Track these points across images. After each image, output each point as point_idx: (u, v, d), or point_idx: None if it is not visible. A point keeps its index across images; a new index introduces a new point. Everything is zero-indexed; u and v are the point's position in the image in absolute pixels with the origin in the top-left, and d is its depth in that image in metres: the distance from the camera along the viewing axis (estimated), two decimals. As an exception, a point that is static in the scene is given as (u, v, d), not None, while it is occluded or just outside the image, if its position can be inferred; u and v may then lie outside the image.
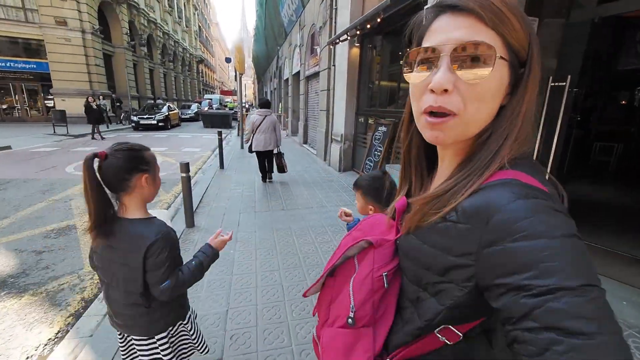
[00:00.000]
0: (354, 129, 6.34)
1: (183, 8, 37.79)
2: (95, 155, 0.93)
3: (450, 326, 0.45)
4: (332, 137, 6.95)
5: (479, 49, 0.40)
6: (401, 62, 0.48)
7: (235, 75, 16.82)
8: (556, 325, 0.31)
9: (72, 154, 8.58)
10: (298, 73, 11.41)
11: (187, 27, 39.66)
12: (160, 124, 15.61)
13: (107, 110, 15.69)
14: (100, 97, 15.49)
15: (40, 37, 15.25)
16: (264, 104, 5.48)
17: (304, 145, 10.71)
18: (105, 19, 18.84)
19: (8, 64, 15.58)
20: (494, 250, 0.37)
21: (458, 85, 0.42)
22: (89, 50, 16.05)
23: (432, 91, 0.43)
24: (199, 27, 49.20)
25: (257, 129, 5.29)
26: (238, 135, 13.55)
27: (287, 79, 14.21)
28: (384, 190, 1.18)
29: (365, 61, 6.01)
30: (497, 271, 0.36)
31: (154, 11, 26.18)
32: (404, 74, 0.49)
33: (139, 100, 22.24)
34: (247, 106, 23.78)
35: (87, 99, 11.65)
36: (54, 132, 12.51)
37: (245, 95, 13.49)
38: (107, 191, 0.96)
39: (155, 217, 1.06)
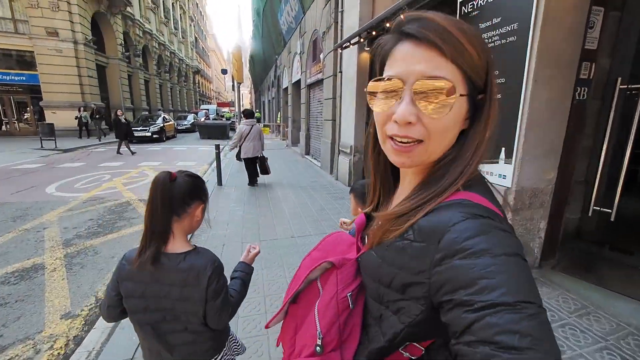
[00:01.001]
0: (364, 140, 5.75)
1: (179, 19, 37.62)
2: (169, 175, 0.92)
3: (413, 342, 0.46)
4: (340, 148, 6.38)
5: (439, 84, 0.41)
6: (365, 89, 0.49)
7: (233, 85, 16.39)
8: (491, 340, 0.32)
9: (56, 170, 7.93)
10: (298, 81, 10.95)
11: (183, 38, 39.45)
12: (154, 136, 15.07)
13: (88, 122, 15.05)
14: (81, 109, 14.81)
15: (31, 49, 14.70)
16: (249, 114, 6.10)
17: (306, 156, 10.15)
18: (99, 30, 18.38)
19: (-4, 76, 14.98)
20: (444, 267, 0.39)
21: (421, 117, 0.43)
22: (81, 62, 15.50)
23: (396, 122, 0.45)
24: (195, 37, 49.13)
25: (245, 138, 5.84)
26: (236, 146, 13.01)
27: (286, 88, 13.81)
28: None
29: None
30: (446, 288, 0.38)
31: (149, 22, 25.84)
32: (368, 101, 0.50)
33: (133, 112, 21.65)
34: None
35: (116, 112, 10.77)
36: (42, 146, 11.85)
37: (242, 105, 13.07)
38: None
39: (195, 245, 1.03)
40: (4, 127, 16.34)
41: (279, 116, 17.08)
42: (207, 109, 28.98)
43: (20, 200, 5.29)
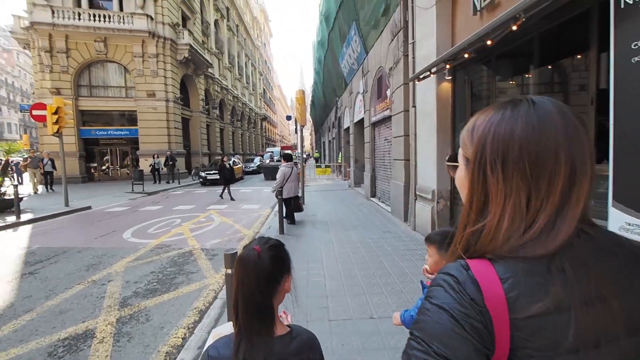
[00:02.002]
0: (450, 183, 4.75)
1: (250, 75, 42.57)
2: (255, 253, 0.83)
3: None
4: (417, 193, 5.43)
5: None
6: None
7: (296, 128, 16.98)
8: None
9: (137, 214, 8.53)
10: (361, 120, 10.58)
11: (253, 90, 44.23)
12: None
13: (161, 168, 16.39)
14: (155, 156, 16.37)
15: (134, 109, 17.56)
16: (288, 157, 6.57)
17: (372, 199, 9.31)
18: (186, 88, 21.38)
19: (109, 132, 18.11)
20: None
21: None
22: (170, 116, 17.94)
23: None
24: (264, 89, 54.78)
25: (288, 179, 6.26)
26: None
27: (348, 128, 13.62)
28: None
29: (460, 97, 4.63)
30: None
31: (226, 79, 29.51)
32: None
33: (209, 157, 23.94)
34: (305, 156, 23.72)
35: (222, 158, 10.81)
36: (132, 189, 13.36)
37: (304, 146, 13.43)
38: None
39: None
40: (110, 173, 19.34)
41: (340, 156, 16.85)
42: (272, 152, 30.77)
43: (100, 246, 5.51)
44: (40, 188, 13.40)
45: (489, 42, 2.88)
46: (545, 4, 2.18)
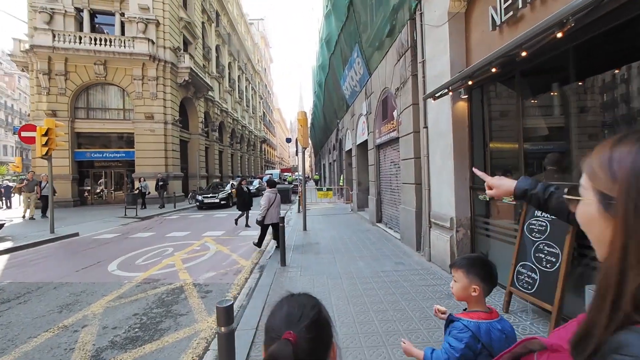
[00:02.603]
0: (470, 209, 4.34)
1: (250, 98, 43.27)
2: (289, 344, 0.60)
3: None
4: (432, 220, 5.00)
5: None
6: None
7: (296, 151, 16.76)
8: None
9: (127, 242, 8.00)
10: (365, 142, 10.34)
11: (253, 113, 44.78)
12: (222, 202, 15.60)
13: (147, 192, 15.45)
14: (142, 179, 15.67)
15: (132, 131, 17.39)
16: (272, 184, 6.75)
17: (378, 224, 8.84)
18: (186, 111, 21.40)
19: (104, 154, 17.80)
20: None
21: None
22: (168, 138, 17.75)
23: None
24: (263, 112, 55.59)
25: (272, 205, 6.41)
26: (299, 211, 12.43)
27: (350, 150, 13.41)
28: (491, 266, 1.14)
29: (477, 118, 4.33)
30: None
31: (226, 102, 29.81)
32: None
33: (207, 179, 23.58)
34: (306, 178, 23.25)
35: (241, 182, 9.92)
36: (125, 214, 12.84)
37: (304, 169, 13.09)
38: None
39: None
40: (103, 197, 18.81)
41: (341, 178, 16.53)
42: (271, 174, 30.52)
43: (80, 280, 4.96)
44: (36, 213, 12.64)
45: (523, 54, 2.59)
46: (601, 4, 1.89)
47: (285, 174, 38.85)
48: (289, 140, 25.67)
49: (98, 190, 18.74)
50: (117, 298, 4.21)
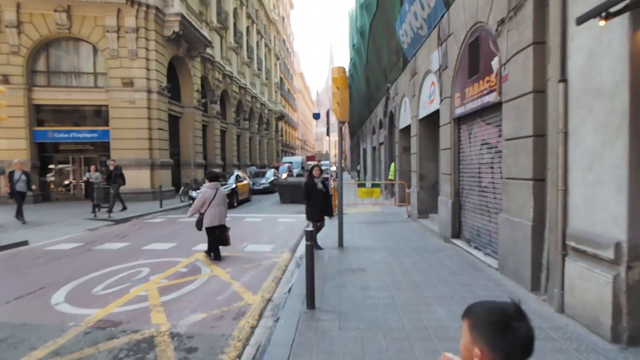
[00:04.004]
0: (658, 230, 3.21)
1: (263, 59, 42.97)
2: None
3: None
4: (572, 245, 3.96)
5: None
6: None
7: (327, 129, 15.93)
8: None
9: (89, 256, 7.73)
10: (435, 114, 9.29)
11: (267, 79, 44.53)
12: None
13: (99, 185, 13.61)
14: (93, 168, 14.25)
15: (106, 102, 17.50)
16: (214, 177, 7.41)
17: (455, 240, 7.84)
18: (176, 76, 21.26)
19: (72, 135, 18.11)
20: None
21: None
22: (152, 112, 17.68)
23: None
24: (281, 78, 55.29)
25: (210, 204, 6.98)
26: (331, 217, 11.61)
27: (407, 127, 12.36)
28: (510, 332, 1.03)
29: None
30: None
31: (230, 64, 29.57)
32: None
33: (205, 168, 23.50)
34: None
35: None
36: (95, 214, 12.80)
37: (335, 155, 12.19)
38: None
39: None
40: (72, 190, 19.22)
41: (392, 170, 15.44)
42: (290, 162, 30.04)
43: (6, 320, 4.48)
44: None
45: None
46: None
47: (311, 162, 38.28)
48: (317, 116, 24.82)
49: (66, 183, 19.19)
50: (51, 356, 3.61)
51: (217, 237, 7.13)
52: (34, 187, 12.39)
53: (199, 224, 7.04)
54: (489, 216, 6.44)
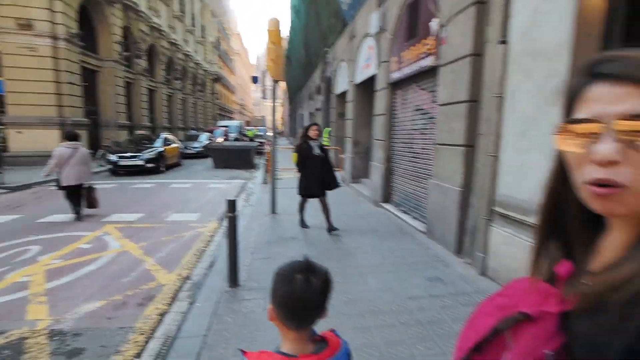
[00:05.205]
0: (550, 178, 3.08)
1: (198, 14, 39.36)
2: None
3: None
4: (499, 210, 3.86)
5: None
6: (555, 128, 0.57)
7: (264, 93, 14.93)
8: None
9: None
10: (371, 79, 8.93)
11: (202, 37, 41.08)
12: (148, 165, 13.85)
13: None
14: None
15: (-1, 48, 14.62)
16: (72, 136, 7.13)
17: (385, 205, 7.78)
18: (91, 23, 18.41)
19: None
20: None
21: (628, 155, 0.48)
22: (60, 63, 15.14)
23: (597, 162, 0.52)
24: (217, 38, 51.52)
25: (65, 163, 6.70)
26: (265, 182, 11.03)
27: (344, 93, 11.93)
28: (287, 284, 1.08)
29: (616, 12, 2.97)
30: None
31: (159, 16, 26.48)
32: (556, 142, 0.56)
33: (130, 130, 21.26)
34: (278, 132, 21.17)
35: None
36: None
37: (273, 118, 11.33)
38: None
39: None
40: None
41: (325, 134, 14.99)
42: (227, 126, 28.32)
43: None
44: None
45: None
46: None
47: (250, 128, 36.61)
48: (255, 79, 23.46)
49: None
50: None
51: (79, 199, 6.93)
52: None
53: (58, 184, 6.88)
54: (419, 182, 6.34)
